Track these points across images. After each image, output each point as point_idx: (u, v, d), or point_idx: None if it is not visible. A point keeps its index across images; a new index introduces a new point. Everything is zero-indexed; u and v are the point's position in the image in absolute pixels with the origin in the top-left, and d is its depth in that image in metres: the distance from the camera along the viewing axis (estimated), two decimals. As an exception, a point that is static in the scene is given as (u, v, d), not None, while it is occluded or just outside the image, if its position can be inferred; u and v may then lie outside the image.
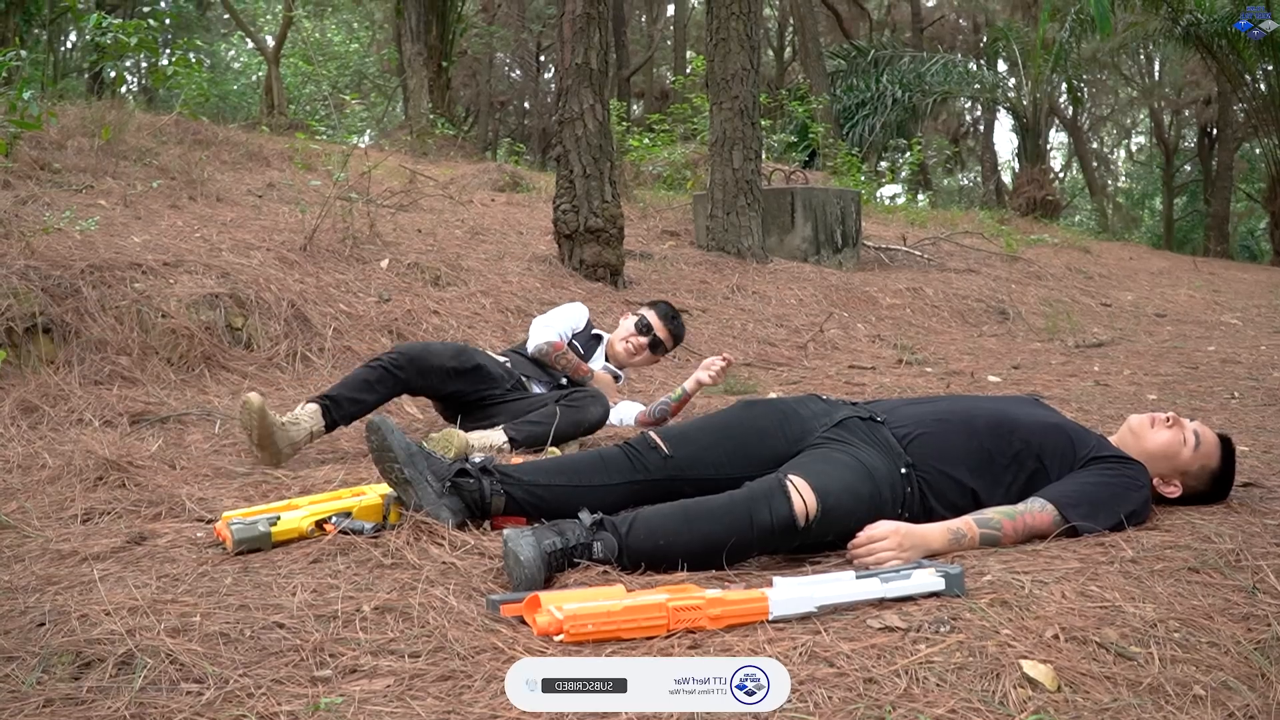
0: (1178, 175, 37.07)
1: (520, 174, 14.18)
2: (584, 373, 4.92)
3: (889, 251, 12.20)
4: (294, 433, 4.03)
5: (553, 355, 4.88)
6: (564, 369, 4.88)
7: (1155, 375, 6.62)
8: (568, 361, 4.90)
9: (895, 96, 23.31)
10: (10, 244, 5.68)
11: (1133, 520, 3.00)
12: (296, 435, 4.03)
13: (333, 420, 4.16)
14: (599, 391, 4.60)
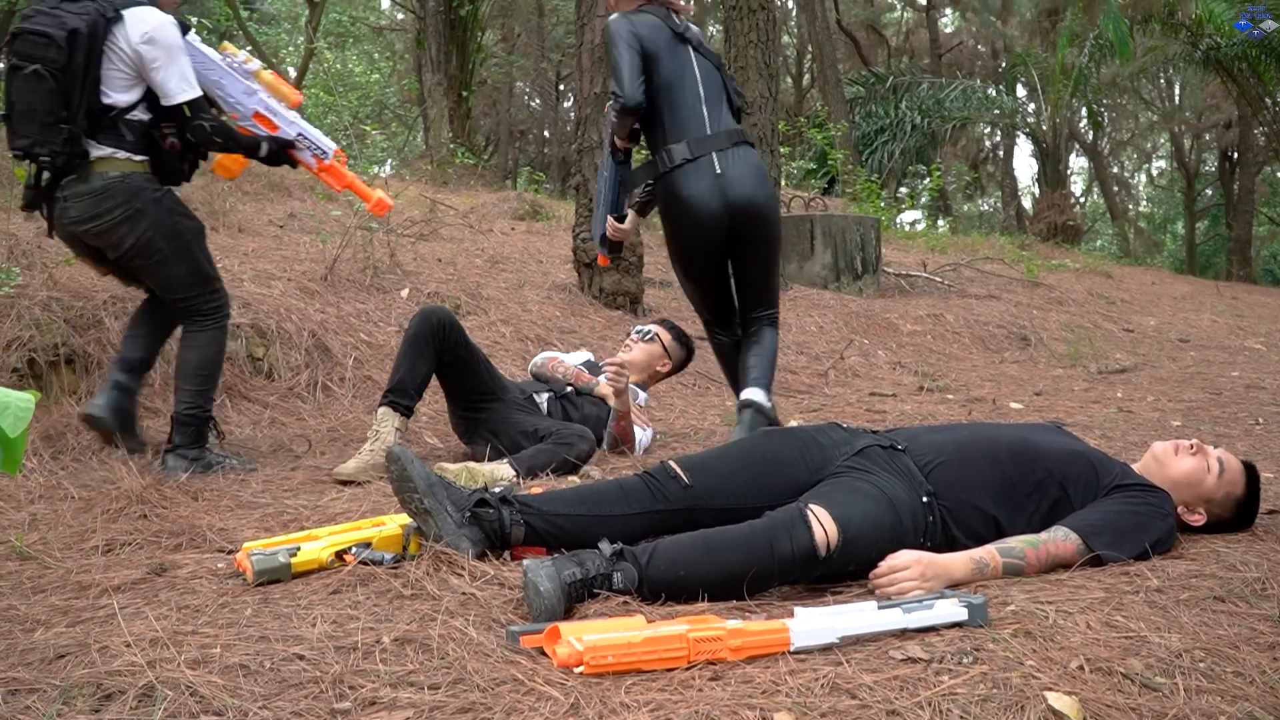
0: (1199, 199, 36.95)
1: (540, 202, 14.21)
2: (584, 379, 5.04)
3: (909, 278, 12.18)
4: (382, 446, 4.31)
5: (549, 367, 5.10)
6: (564, 377, 5.04)
7: (1179, 401, 6.58)
8: (565, 370, 5.07)
9: (914, 123, 23.31)
10: (33, 275, 5.72)
11: (1157, 549, 2.98)
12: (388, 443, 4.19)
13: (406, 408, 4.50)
14: (586, 430, 4.62)
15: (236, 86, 4.62)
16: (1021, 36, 32.06)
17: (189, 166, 4.56)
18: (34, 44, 4.13)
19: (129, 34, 4.21)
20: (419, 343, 4.53)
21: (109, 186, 4.28)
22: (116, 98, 4.26)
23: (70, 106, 4.16)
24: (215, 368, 4.63)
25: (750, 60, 10.19)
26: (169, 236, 4.41)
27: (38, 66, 4.11)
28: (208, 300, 4.58)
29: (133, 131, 4.31)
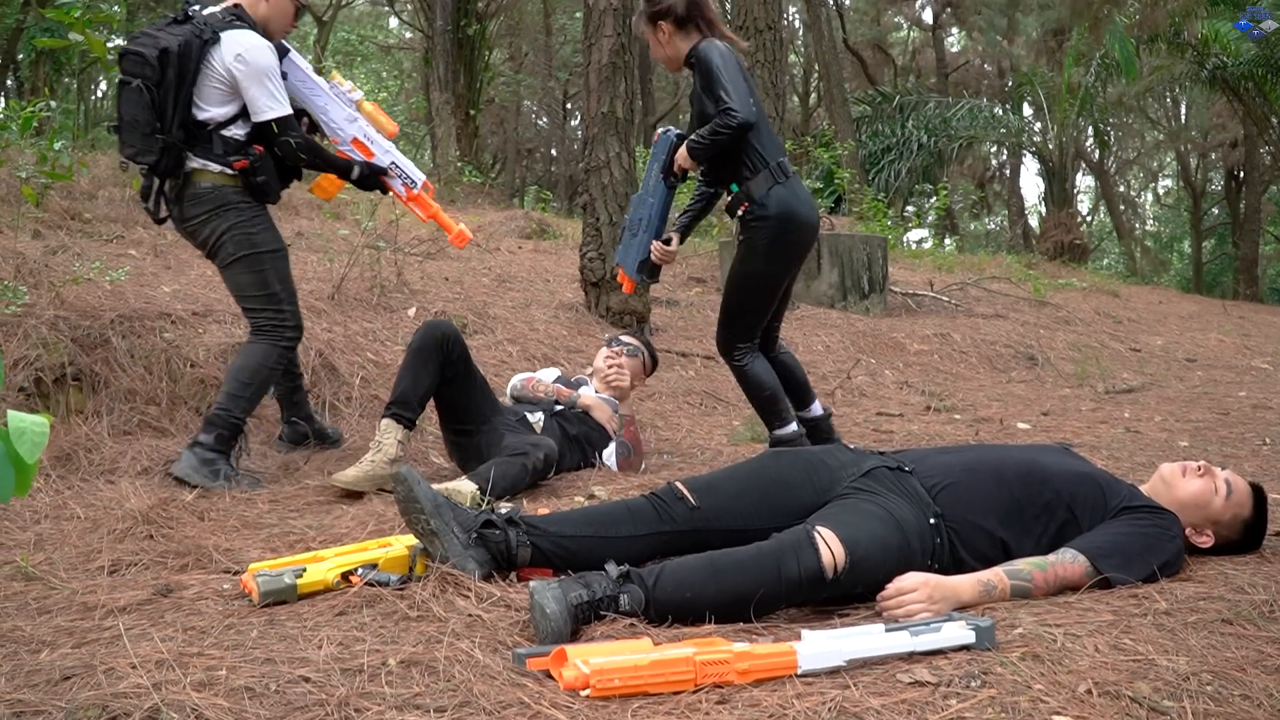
0: (1206, 218, 36.95)
1: (547, 221, 14.24)
2: (565, 394, 5.09)
3: (916, 297, 12.17)
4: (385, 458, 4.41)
5: (529, 388, 5.16)
6: (546, 395, 5.09)
7: (1186, 422, 6.57)
8: (546, 389, 5.12)
9: (921, 142, 23.32)
10: (40, 294, 5.73)
11: (1166, 571, 2.97)
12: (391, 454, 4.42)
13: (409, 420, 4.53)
14: (544, 439, 4.66)
15: (340, 113, 4.95)
16: (1028, 56, 32.11)
17: (279, 184, 4.84)
18: (134, 62, 4.50)
19: (223, 54, 4.56)
20: (423, 355, 4.54)
21: (200, 194, 4.67)
22: (211, 112, 4.62)
23: (164, 119, 4.54)
24: (257, 379, 4.78)
25: (757, 80, 10.22)
26: (240, 244, 4.73)
27: (137, 82, 4.48)
28: (269, 317, 4.82)
29: (226, 147, 4.65)
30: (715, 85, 4.67)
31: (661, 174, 4.99)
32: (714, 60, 4.70)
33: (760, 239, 4.85)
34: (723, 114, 4.63)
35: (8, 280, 5.70)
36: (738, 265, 4.96)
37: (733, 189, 4.88)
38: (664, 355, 8.04)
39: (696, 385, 7.58)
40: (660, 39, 4.91)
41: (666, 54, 4.96)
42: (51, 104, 8.83)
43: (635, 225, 5.09)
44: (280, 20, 4.84)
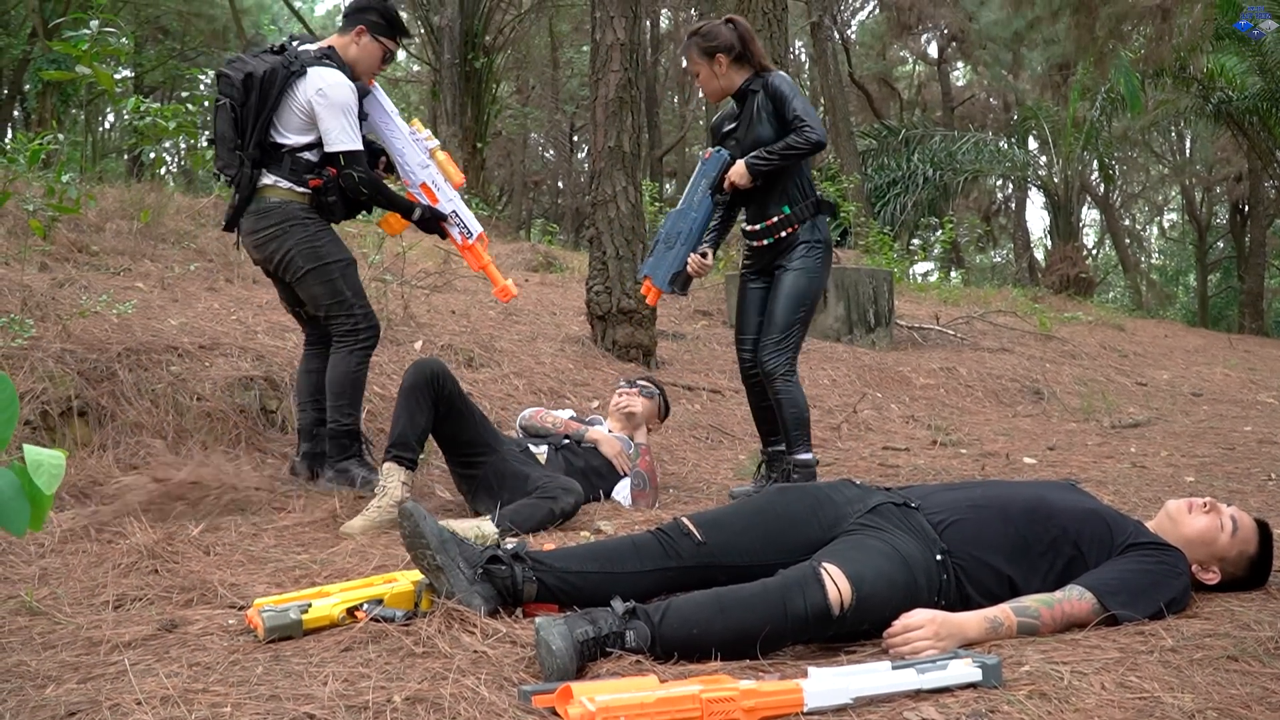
0: (1211, 252, 37.00)
1: (554, 254, 14.28)
2: (574, 428, 5.18)
3: (922, 331, 12.18)
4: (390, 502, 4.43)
5: (538, 419, 5.26)
6: (554, 427, 5.19)
7: (1192, 457, 6.56)
8: (554, 420, 5.23)
9: (926, 175, 23.39)
10: (47, 327, 5.75)
11: (1172, 608, 2.97)
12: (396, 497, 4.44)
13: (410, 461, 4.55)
14: (573, 484, 4.67)
15: (414, 158, 5.24)
16: (1033, 90, 32.21)
17: (345, 208, 5.10)
18: (224, 83, 4.93)
19: (307, 87, 4.89)
20: (415, 395, 4.56)
21: (268, 209, 4.97)
22: (289, 138, 4.94)
23: (244, 137, 4.91)
24: (350, 386, 5.07)
25: (762, 114, 10.26)
26: (308, 257, 5.00)
27: (226, 101, 4.90)
28: (343, 323, 5.08)
29: (298, 168, 4.96)
30: (788, 108, 4.99)
31: (710, 190, 5.18)
32: (785, 87, 5.05)
33: (814, 260, 5.15)
34: (799, 131, 4.95)
35: (15, 313, 5.72)
36: (794, 281, 5.12)
37: (784, 210, 5.13)
38: (670, 389, 8.04)
39: (703, 419, 7.58)
40: (716, 71, 5.18)
41: (720, 85, 5.23)
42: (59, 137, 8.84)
43: (673, 238, 5.24)
44: (367, 63, 5.15)
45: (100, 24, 6.36)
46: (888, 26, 33.68)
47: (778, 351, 5.12)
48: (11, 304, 5.96)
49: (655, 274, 5.25)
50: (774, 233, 5.15)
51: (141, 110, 8.55)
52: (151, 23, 28.10)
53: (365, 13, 5.13)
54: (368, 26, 5.11)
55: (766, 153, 4.99)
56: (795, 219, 5.13)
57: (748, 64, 5.20)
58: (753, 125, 5.12)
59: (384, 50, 5.18)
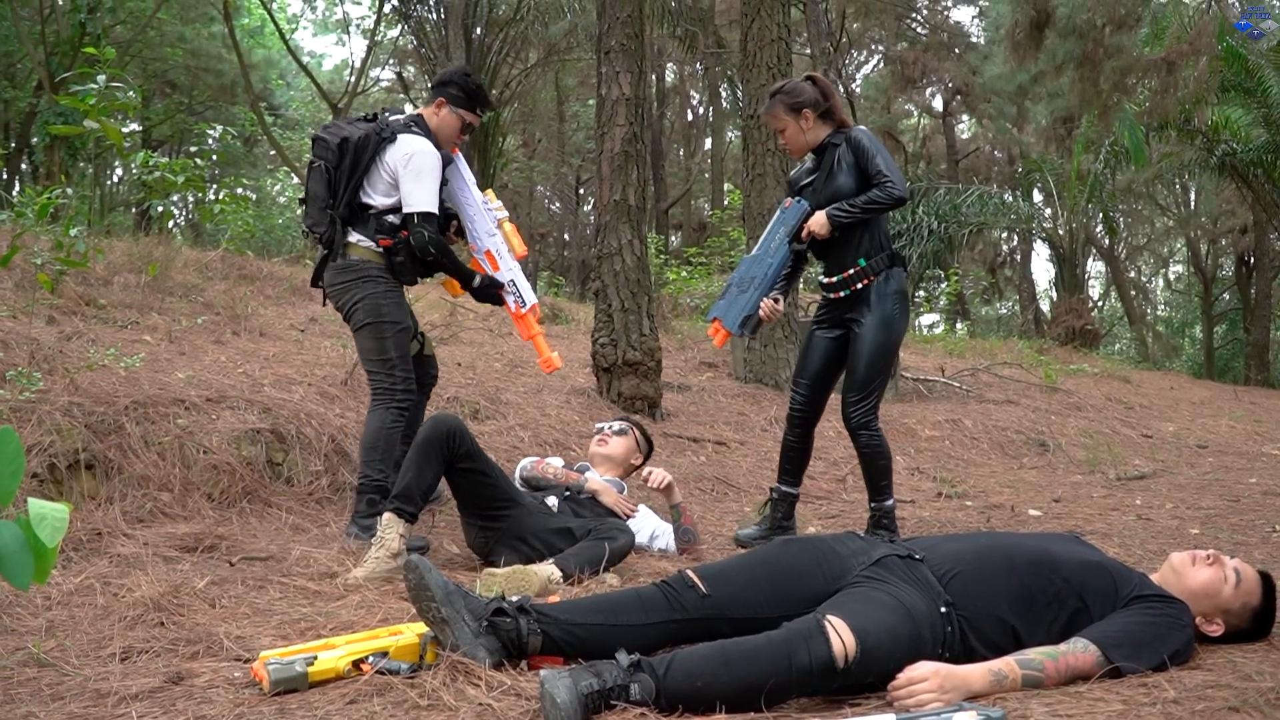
0: (1217, 304, 37.00)
1: (560, 306, 14.32)
2: (574, 479, 5.21)
3: (928, 383, 12.20)
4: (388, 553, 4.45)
5: (539, 469, 5.30)
6: (555, 478, 5.23)
7: (1197, 509, 6.55)
8: (555, 471, 5.27)
9: (931, 227, 23.43)
10: (54, 380, 5.77)
11: (1176, 660, 2.97)
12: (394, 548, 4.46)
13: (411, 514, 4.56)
14: (624, 524, 4.78)
15: (483, 225, 5.56)
16: (1037, 143, 32.34)
17: (415, 270, 5.35)
18: (320, 146, 5.23)
19: (395, 153, 5.17)
20: (427, 449, 4.58)
21: (348, 264, 5.25)
22: (376, 200, 5.22)
23: (336, 197, 5.20)
24: (383, 442, 5.22)
25: (768, 168, 10.36)
26: (369, 312, 5.24)
27: (320, 163, 5.19)
28: (382, 381, 5.28)
29: (379, 227, 5.23)
30: (871, 163, 5.18)
31: (788, 238, 5.35)
32: (867, 141, 5.25)
33: (892, 310, 5.29)
34: (881, 186, 5.14)
35: (22, 366, 5.74)
36: (874, 335, 5.26)
37: (860, 263, 5.28)
38: (675, 441, 8.06)
39: (708, 471, 7.59)
40: (803, 126, 5.38)
41: (805, 140, 5.42)
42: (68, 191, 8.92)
43: (747, 283, 5.40)
44: (447, 133, 5.43)
45: (108, 79, 6.44)
46: (892, 80, 33.92)
47: (862, 405, 5.30)
48: (19, 357, 5.99)
49: (726, 316, 5.39)
50: (850, 284, 5.31)
51: (150, 165, 8.63)
52: (159, 76, 28.33)
53: (447, 86, 5.43)
54: (447, 99, 5.40)
55: (849, 205, 5.16)
56: (871, 271, 5.28)
57: (830, 119, 5.39)
58: (832, 177, 5.30)
59: (462, 122, 5.45)
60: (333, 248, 5.26)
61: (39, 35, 21.13)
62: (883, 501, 5.38)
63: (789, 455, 5.67)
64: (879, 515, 5.37)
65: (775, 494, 5.68)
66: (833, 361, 5.49)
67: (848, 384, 5.34)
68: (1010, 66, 27.21)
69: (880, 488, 5.38)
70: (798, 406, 5.57)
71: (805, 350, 5.57)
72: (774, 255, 5.38)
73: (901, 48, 33.30)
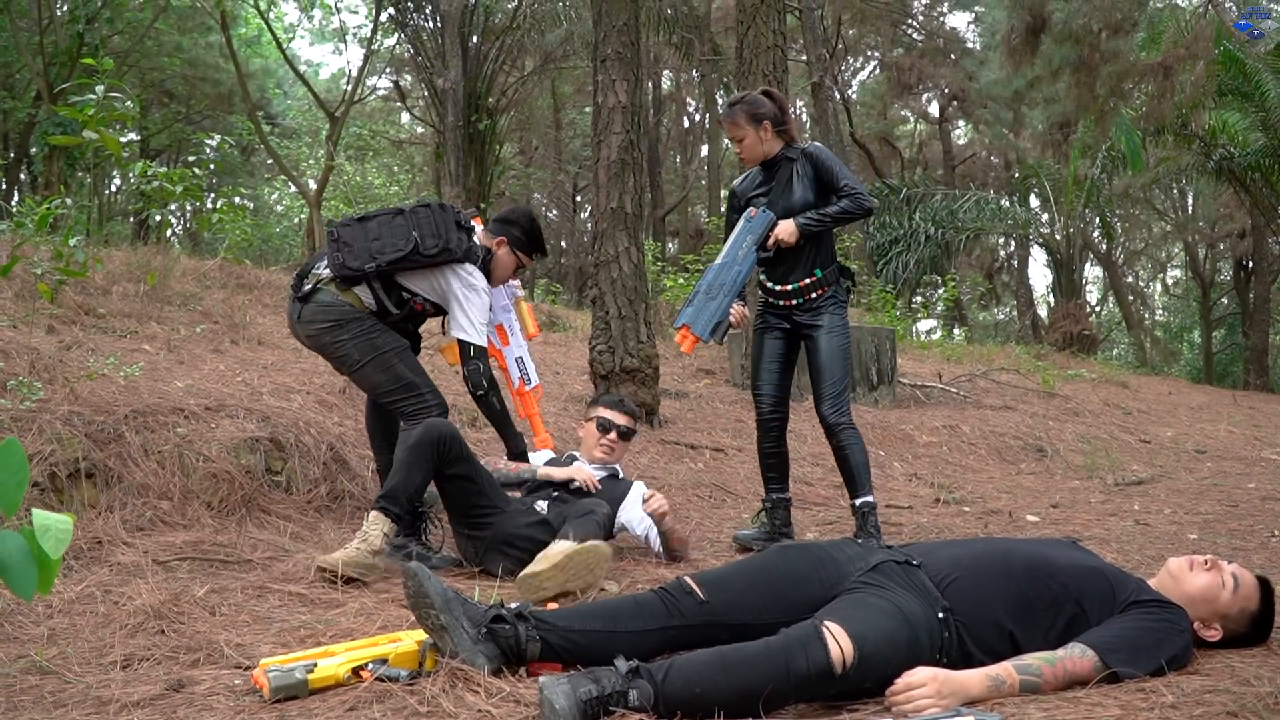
0: (1215, 308, 37.02)
1: (557, 313, 14.33)
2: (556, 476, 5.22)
3: (925, 389, 12.21)
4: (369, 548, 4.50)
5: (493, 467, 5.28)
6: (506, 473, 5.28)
7: (1195, 514, 6.57)
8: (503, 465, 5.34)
9: (928, 233, 23.49)
10: (55, 390, 5.78)
11: (1173, 665, 2.98)
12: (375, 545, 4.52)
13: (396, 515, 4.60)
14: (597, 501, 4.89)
15: (499, 300, 5.64)
16: (1034, 148, 32.38)
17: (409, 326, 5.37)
18: (430, 227, 5.12)
19: (459, 275, 5.15)
20: (417, 453, 4.63)
21: (333, 304, 5.11)
22: (406, 283, 5.18)
23: (393, 265, 5.06)
24: None
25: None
26: (363, 350, 5.12)
27: (416, 235, 5.06)
28: (412, 404, 5.16)
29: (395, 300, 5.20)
30: (840, 177, 5.39)
31: (755, 246, 5.44)
32: (831, 157, 5.47)
33: (842, 317, 5.51)
34: (854, 198, 5.35)
35: (23, 376, 5.75)
36: (833, 339, 5.44)
37: (816, 273, 5.48)
38: (673, 447, 8.07)
39: (705, 478, 7.60)
40: (762, 136, 5.51)
41: (761, 150, 5.55)
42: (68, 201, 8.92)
43: (715, 289, 5.45)
44: (501, 272, 5.48)
45: (106, 89, 6.46)
46: (888, 86, 34.00)
47: (837, 405, 5.41)
48: (19, 367, 6.00)
49: (695, 323, 5.41)
50: (806, 294, 5.48)
51: (149, 174, 8.64)
52: (157, 86, 28.35)
53: (511, 225, 5.45)
54: (509, 240, 5.43)
55: (820, 214, 5.36)
56: (825, 282, 5.48)
57: (784, 134, 5.56)
58: (789, 189, 5.48)
59: (518, 263, 5.49)
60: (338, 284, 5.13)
61: (37, 46, 21.14)
62: (865, 496, 5.42)
63: (770, 464, 5.75)
64: (864, 511, 5.40)
65: (768, 503, 5.74)
66: (786, 361, 5.65)
67: (820, 390, 5.45)
68: (1006, 72, 27.24)
69: (861, 480, 5.43)
70: (769, 412, 5.66)
71: (759, 356, 5.68)
72: (742, 263, 5.45)
73: (897, 54, 33.39)
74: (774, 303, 5.57)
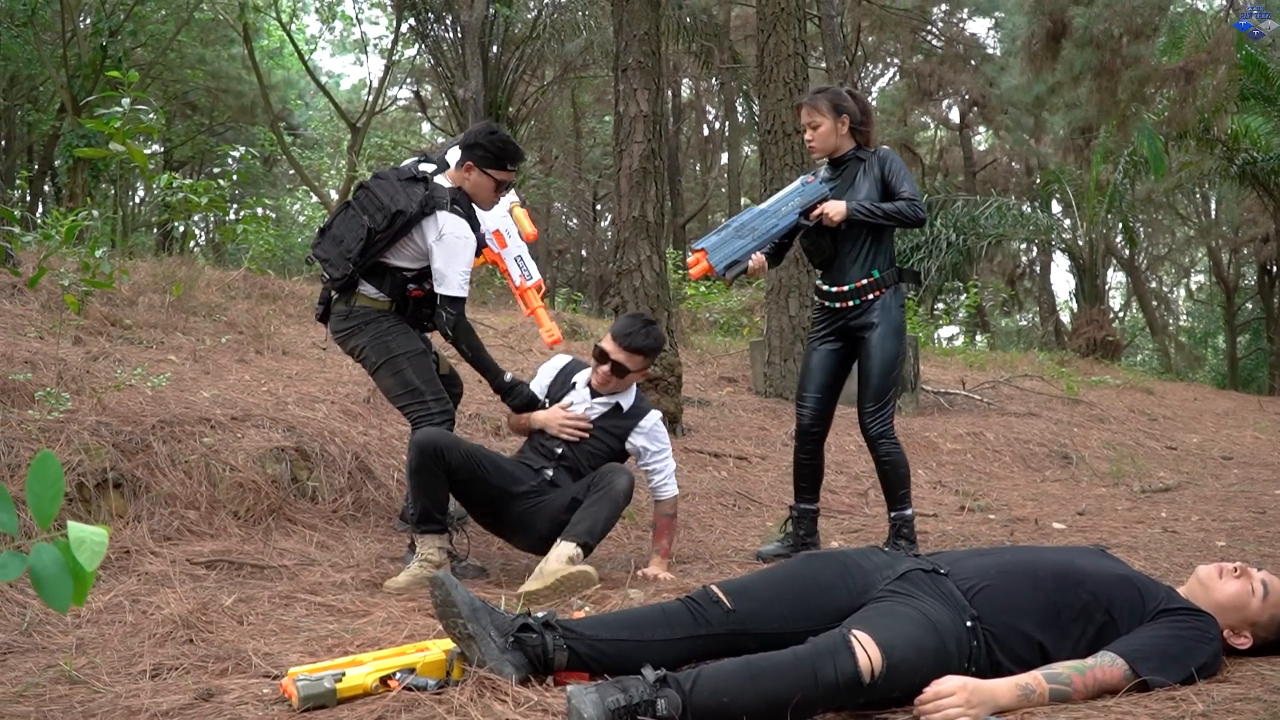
0: (1239, 313, 36.81)
1: (579, 322, 14.33)
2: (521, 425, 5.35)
3: (948, 396, 12.17)
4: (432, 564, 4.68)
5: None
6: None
7: (1223, 521, 6.53)
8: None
9: (950, 240, 23.40)
10: (82, 400, 5.81)
11: (1203, 673, 2.96)
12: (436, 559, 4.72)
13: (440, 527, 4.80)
14: (617, 465, 4.90)
15: (498, 212, 5.62)
16: (1055, 154, 32.28)
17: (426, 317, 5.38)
18: (371, 202, 5.11)
19: (430, 228, 5.09)
20: (424, 474, 4.71)
21: (352, 311, 5.20)
22: (396, 263, 5.18)
23: (364, 255, 5.09)
24: None
25: (785, 182, 10.33)
26: (378, 352, 5.18)
27: (365, 218, 5.08)
28: (415, 410, 5.19)
29: (397, 283, 5.20)
30: (904, 182, 5.35)
31: (802, 212, 5.42)
32: (901, 164, 5.44)
33: (899, 318, 5.47)
34: (913, 204, 5.30)
35: (51, 387, 5.78)
36: (886, 345, 5.40)
37: (874, 274, 5.39)
38: (696, 456, 8.07)
39: (729, 486, 7.59)
40: (839, 129, 5.47)
41: (834, 142, 5.50)
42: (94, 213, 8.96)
43: (748, 231, 5.42)
44: (483, 195, 5.31)
45: (132, 101, 6.49)
46: (908, 93, 33.94)
47: (880, 416, 5.41)
48: (47, 378, 6.03)
49: (714, 253, 5.37)
50: (862, 295, 5.40)
51: (174, 186, 8.68)
52: (180, 98, 28.51)
53: (473, 149, 5.27)
54: (475, 161, 5.25)
55: (873, 206, 5.29)
56: (883, 283, 5.40)
57: (859, 135, 5.51)
58: (855, 187, 5.42)
59: (495, 181, 5.29)
60: (343, 294, 5.22)
61: (61, 58, 21.28)
62: (903, 511, 5.42)
63: (804, 473, 5.70)
64: (899, 525, 5.40)
65: (795, 512, 5.70)
66: (836, 374, 5.60)
67: (864, 394, 5.42)
68: (1027, 78, 27.18)
69: (900, 497, 5.43)
70: (809, 421, 5.61)
71: (808, 365, 5.63)
72: (781, 219, 5.42)
73: (917, 60, 33.33)
74: (830, 306, 5.51)
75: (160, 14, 24.28)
